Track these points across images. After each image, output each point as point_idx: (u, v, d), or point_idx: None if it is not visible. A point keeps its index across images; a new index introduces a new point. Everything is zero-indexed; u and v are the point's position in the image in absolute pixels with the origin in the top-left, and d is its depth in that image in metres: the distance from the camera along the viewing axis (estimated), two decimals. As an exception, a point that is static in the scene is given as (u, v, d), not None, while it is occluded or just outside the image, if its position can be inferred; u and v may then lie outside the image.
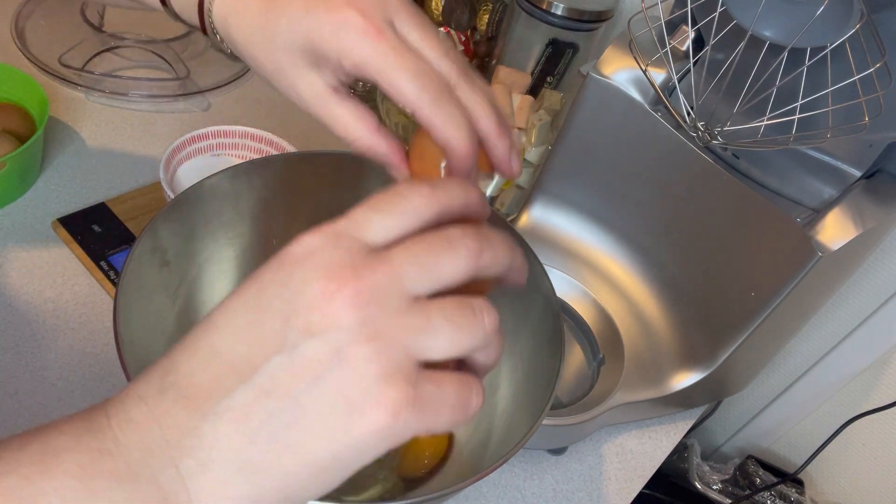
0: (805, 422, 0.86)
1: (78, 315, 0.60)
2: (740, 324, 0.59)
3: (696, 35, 0.55)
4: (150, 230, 0.45)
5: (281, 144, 0.70)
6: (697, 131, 0.51)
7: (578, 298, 0.68)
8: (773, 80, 0.46)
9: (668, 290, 0.66)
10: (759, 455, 0.88)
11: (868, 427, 0.77)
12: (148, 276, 0.45)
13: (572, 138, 0.65)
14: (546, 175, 0.69)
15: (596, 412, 0.59)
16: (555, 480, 0.61)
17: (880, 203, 0.54)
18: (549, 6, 0.75)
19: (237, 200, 0.51)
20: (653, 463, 0.65)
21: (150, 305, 0.45)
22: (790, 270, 0.54)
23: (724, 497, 0.84)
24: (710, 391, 0.66)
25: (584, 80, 0.61)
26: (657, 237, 0.66)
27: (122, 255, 0.64)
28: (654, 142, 0.60)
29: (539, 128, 0.76)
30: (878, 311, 0.74)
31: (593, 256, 0.70)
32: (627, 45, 0.56)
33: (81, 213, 0.66)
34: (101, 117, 0.77)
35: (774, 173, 0.57)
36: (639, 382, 0.63)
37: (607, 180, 0.66)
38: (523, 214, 0.71)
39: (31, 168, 0.68)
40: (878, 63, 0.43)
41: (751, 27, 0.45)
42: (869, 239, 0.55)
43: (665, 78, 0.59)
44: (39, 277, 0.61)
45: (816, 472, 0.88)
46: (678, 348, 0.65)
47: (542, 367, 0.48)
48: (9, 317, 0.58)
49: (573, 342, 0.67)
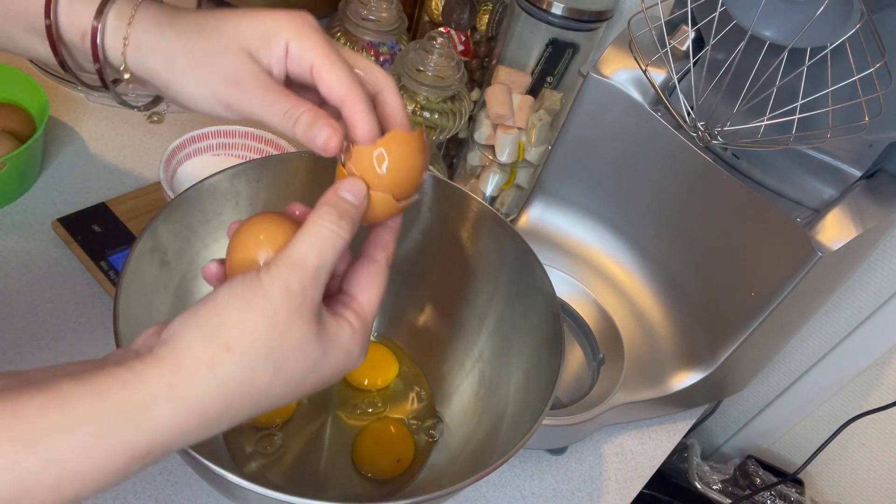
0: (805, 422, 0.86)
1: (78, 315, 0.60)
2: (740, 324, 0.59)
3: (696, 35, 0.55)
4: (150, 230, 0.45)
5: (281, 144, 0.70)
6: (697, 131, 0.51)
7: (578, 298, 0.68)
8: (773, 80, 0.46)
9: (668, 290, 0.66)
10: (759, 455, 0.88)
11: (868, 427, 0.77)
12: (148, 276, 0.45)
13: (572, 138, 0.65)
14: (546, 175, 0.69)
15: (596, 412, 0.59)
16: (555, 480, 0.61)
17: (880, 203, 0.54)
18: (549, 6, 0.75)
19: (237, 200, 0.51)
20: (653, 463, 0.65)
21: (150, 305, 0.45)
22: (790, 270, 0.54)
23: (724, 497, 0.84)
24: (710, 391, 0.66)
25: (584, 80, 0.61)
26: (657, 237, 0.66)
27: (122, 255, 0.64)
28: (654, 142, 0.60)
29: (539, 128, 0.76)
30: (878, 311, 0.74)
31: (593, 256, 0.70)
32: (627, 45, 0.56)
33: (81, 213, 0.66)
34: (101, 117, 0.77)
35: (774, 173, 0.57)
36: (639, 382, 0.63)
37: (607, 180, 0.66)
38: (523, 214, 0.71)
39: (31, 168, 0.68)
40: (878, 63, 0.43)
41: (751, 27, 0.45)
42: (869, 239, 0.55)
43: (665, 78, 0.59)
44: (39, 277, 0.61)
45: (816, 472, 0.88)
46: (678, 348, 0.65)
47: (542, 367, 0.48)
48: (9, 317, 0.58)
49: (573, 342, 0.67)
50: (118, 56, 0.38)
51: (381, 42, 0.84)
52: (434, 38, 0.75)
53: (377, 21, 0.83)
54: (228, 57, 0.37)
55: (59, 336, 0.58)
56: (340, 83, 0.36)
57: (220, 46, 0.37)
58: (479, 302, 0.56)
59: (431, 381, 0.58)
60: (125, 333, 0.39)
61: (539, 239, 0.70)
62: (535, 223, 0.71)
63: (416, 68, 0.74)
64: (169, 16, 0.38)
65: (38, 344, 0.57)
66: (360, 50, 0.84)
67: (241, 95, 0.37)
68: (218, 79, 0.37)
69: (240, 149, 0.70)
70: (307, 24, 0.37)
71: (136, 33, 0.38)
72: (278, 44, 0.37)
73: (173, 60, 0.37)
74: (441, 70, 0.74)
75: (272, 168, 0.53)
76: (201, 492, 0.53)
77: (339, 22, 0.84)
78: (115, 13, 0.38)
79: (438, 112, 0.76)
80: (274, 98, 0.37)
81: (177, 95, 0.38)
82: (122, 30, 0.38)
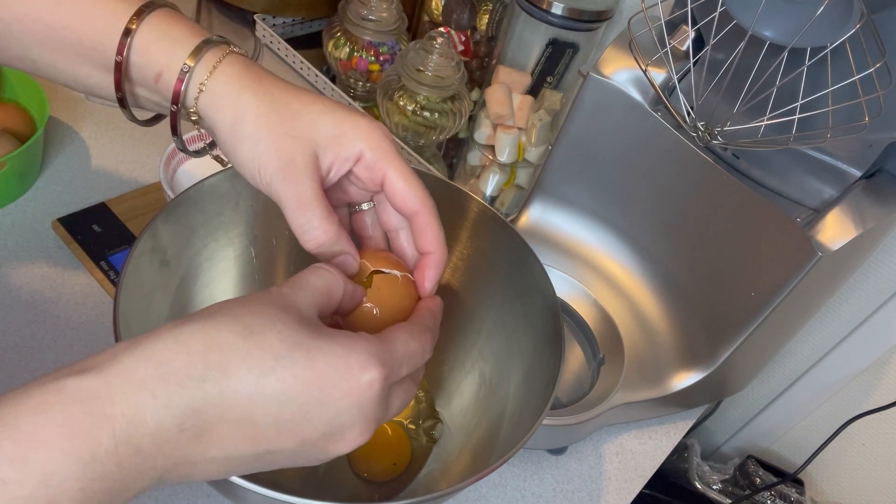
0: (805, 422, 0.86)
1: (78, 315, 0.60)
2: (740, 324, 0.59)
3: (696, 35, 0.55)
4: (150, 230, 0.45)
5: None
6: (697, 131, 0.51)
7: (578, 298, 0.68)
8: (773, 81, 0.46)
9: (668, 290, 0.66)
10: (759, 455, 0.88)
11: (868, 427, 0.77)
12: (148, 276, 0.45)
13: (572, 138, 0.65)
14: (546, 175, 0.69)
15: (596, 412, 0.59)
16: (555, 480, 0.61)
17: (880, 203, 0.54)
18: (549, 6, 0.75)
19: (237, 200, 0.51)
20: (653, 463, 0.65)
21: (150, 305, 0.45)
22: (790, 270, 0.54)
23: (724, 497, 0.84)
24: (710, 391, 0.66)
25: (584, 80, 0.61)
26: (657, 237, 0.66)
27: (122, 255, 0.64)
28: (654, 142, 0.60)
29: (539, 128, 0.76)
30: (878, 311, 0.74)
31: (593, 256, 0.70)
32: (627, 45, 0.56)
33: (81, 213, 0.66)
34: (101, 117, 0.77)
35: (774, 173, 0.57)
36: (639, 382, 0.63)
37: (607, 180, 0.66)
38: (523, 214, 0.71)
39: (31, 168, 0.68)
40: (878, 63, 0.43)
41: (751, 27, 0.45)
42: (869, 239, 0.55)
43: (665, 78, 0.59)
44: (39, 277, 0.61)
45: (816, 472, 0.88)
46: (678, 348, 0.65)
47: (542, 367, 0.48)
48: (9, 317, 0.58)
49: (573, 342, 0.67)
50: (190, 100, 0.38)
51: (381, 42, 0.84)
52: (434, 38, 0.75)
53: (377, 21, 0.83)
54: (292, 143, 0.37)
55: (59, 336, 0.58)
56: (415, 198, 0.38)
57: (290, 130, 0.37)
58: (479, 302, 0.56)
59: (431, 381, 0.58)
60: (125, 333, 0.39)
61: (539, 239, 0.70)
62: (535, 223, 0.71)
63: (416, 68, 0.74)
64: (253, 79, 0.38)
65: (38, 344, 0.57)
66: (360, 50, 0.84)
67: (282, 181, 0.37)
68: (272, 160, 0.37)
69: (240, 149, 0.70)
70: (385, 135, 0.39)
71: (214, 84, 0.38)
72: (351, 148, 0.38)
73: (241, 124, 0.37)
74: (441, 70, 0.74)
75: (272, 168, 0.53)
76: (201, 492, 0.53)
77: (339, 22, 0.84)
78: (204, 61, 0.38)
79: (438, 112, 0.76)
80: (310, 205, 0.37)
81: (228, 152, 0.39)
82: (202, 76, 0.38)
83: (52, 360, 0.56)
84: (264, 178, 0.37)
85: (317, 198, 0.37)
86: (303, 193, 0.37)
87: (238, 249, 0.53)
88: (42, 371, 0.55)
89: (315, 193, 0.37)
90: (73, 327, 0.59)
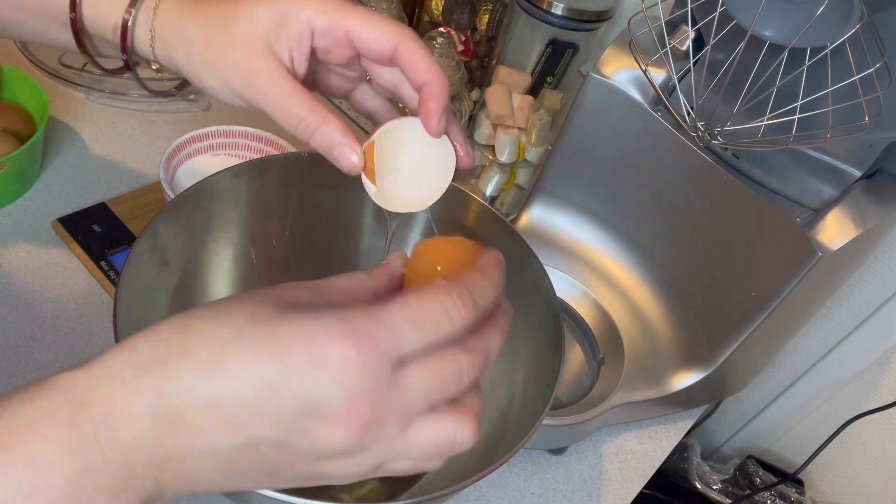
0: (805, 422, 0.86)
1: (78, 315, 0.60)
2: (740, 324, 0.59)
3: (696, 35, 0.55)
4: (150, 230, 0.45)
5: (281, 144, 0.70)
6: (697, 131, 0.51)
7: (578, 298, 0.68)
8: (773, 80, 0.46)
9: (668, 290, 0.66)
10: (759, 455, 0.88)
11: (868, 427, 0.77)
12: (148, 276, 0.45)
13: (572, 138, 0.65)
14: (546, 175, 0.69)
15: (596, 412, 0.59)
16: (555, 480, 0.61)
17: (880, 203, 0.54)
18: (549, 6, 0.75)
19: (237, 200, 0.51)
20: (653, 463, 0.65)
21: (150, 305, 0.45)
22: (790, 270, 0.54)
23: (724, 497, 0.84)
24: (710, 391, 0.66)
25: (584, 80, 0.61)
26: (657, 237, 0.66)
27: (122, 255, 0.64)
28: (654, 142, 0.60)
29: (539, 128, 0.76)
30: (878, 311, 0.74)
31: (593, 256, 0.70)
32: (627, 45, 0.56)
33: (81, 213, 0.66)
34: (101, 117, 0.77)
35: (774, 173, 0.57)
36: (639, 382, 0.63)
37: (607, 180, 0.66)
38: (523, 214, 0.71)
39: (31, 168, 0.68)
40: (878, 63, 0.43)
41: (751, 27, 0.45)
42: (869, 239, 0.55)
43: (665, 78, 0.59)
44: (39, 277, 0.61)
45: (816, 472, 0.88)
46: (678, 348, 0.65)
47: (542, 367, 0.48)
48: (9, 317, 0.58)
49: (573, 342, 0.67)
50: (147, 48, 0.38)
51: (381, 42, 0.84)
52: (434, 38, 0.75)
53: (377, 21, 0.83)
54: (241, 49, 0.36)
55: (59, 336, 0.58)
56: (388, 33, 0.35)
57: (234, 38, 0.36)
58: (479, 302, 0.56)
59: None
60: (125, 333, 0.39)
61: (539, 239, 0.70)
62: (535, 223, 0.71)
63: (416, 68, 0.74)
64: (190, 5, 0.37)
65: (38, 344, 0.57)
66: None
67: (254, 92, 0.36)
68: (231, 73, 0.36)
69: (240, 149, 0.70)
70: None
71: (160, 25, 0.38)
72: (297, 24, 0.35)
73: (191, 52, 0.37)
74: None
75: (272, 168, 0.53)
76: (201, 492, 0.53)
77: (339, 22, 0.84)
78: (144, 7, 0.38)
79: (438, 112, 0.76)
80: (287, 102, 0.36)
81: (199, 86, 0.38)
82: (148, 22, 0.38)
83: (52, 360, 0.56)
84: (238, 96, 0.37)
85: (293, 92, 0.36)
86: (277, 93, 0.36)
87: (238, 249, 0.53)
88: (42, 371, 0.55)
89: (289, 88, 0.36)
90: (73, 327, 0.59)
